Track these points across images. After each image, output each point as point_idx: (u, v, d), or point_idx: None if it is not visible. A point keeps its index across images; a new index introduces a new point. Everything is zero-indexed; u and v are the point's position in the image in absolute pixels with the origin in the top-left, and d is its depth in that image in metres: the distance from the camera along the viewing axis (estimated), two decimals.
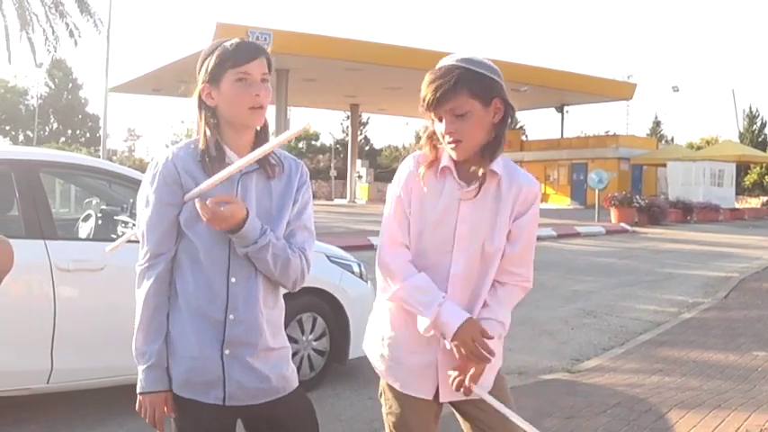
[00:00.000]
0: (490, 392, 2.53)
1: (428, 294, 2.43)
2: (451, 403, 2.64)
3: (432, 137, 2.50)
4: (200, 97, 2.39)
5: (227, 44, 2.36)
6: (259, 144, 2.39)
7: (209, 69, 2.35)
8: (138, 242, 2.43)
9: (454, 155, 2.44)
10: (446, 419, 2.77)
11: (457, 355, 2.43)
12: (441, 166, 2.47)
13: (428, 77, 2.41)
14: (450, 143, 2.41)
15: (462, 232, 2.47)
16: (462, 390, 2.45)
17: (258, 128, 2.43)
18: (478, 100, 2.38)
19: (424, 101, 2.41)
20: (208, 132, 2.37)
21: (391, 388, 2.65)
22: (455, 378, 2.46)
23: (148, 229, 2.38)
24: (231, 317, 2.35)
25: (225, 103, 2.35)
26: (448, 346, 2.44)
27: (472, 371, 2.43)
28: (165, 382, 2.39)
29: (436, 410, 2.66)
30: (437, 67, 2.45)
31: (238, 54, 2.32)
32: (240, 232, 2.27)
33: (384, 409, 2.70)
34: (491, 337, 2.41)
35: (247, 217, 2.27)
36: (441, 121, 2.42)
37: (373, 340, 2.69)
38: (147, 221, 2.38)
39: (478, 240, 2.48)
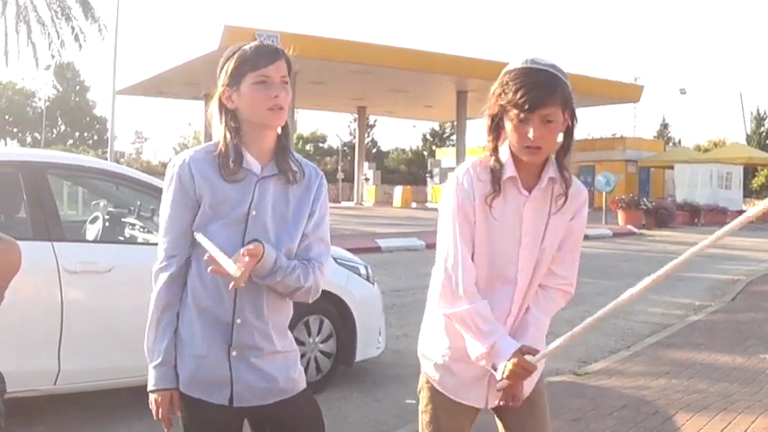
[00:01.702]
0: (530, 397, 2.59)
1: (488, 323, 2.43)
2: (493, 408, 2.67)
3: (494, 131, 2.44)
4: (220, 100, 2.41)
5: (247, 47, 2.37)
6: (281, 149, 2.43)
7: (228, 72, 2.36)
8: (149, 245, 2.45)
9: (531, 159, 2.40)
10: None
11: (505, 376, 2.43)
12: (506, 176, 2.43)
13: (524, 78, 2.32)
14: (530, 148, 2.35)
15: (527, 240, 2.47)
16: (512, 400, 2.50)
17: (279, 131, 2.45)
18: (562, 109, 2.36)
19: (520, 100, 2.30)
20: (228, 136, 2.38)
21: (432, 389, 2.65)
22: (505, 393, 2.49)
23: (165, 231, 2.41)
24: (238, 321, 2.38)
25: (245, 105, 2.36)
26: (498, 376, 2.43)
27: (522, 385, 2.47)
28: (172, 380, 2.41)
29: (473, 416, 2.67)
30: (526, 67, 2.36)
31: (257, 57, 2.34)
32: (257, 266, 2.29)
33: (420, 407, 2.71)
34: (536, 352, 2.41)
35: (262, 254, 2.27)
36: (521, 122, 2.34)
37: (428, 347, 2.68)
38: (164, 223, 2.42)
39: (538, 244, 2.49)
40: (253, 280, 2.31)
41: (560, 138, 2.44)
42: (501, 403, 2.53)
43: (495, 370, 2.42)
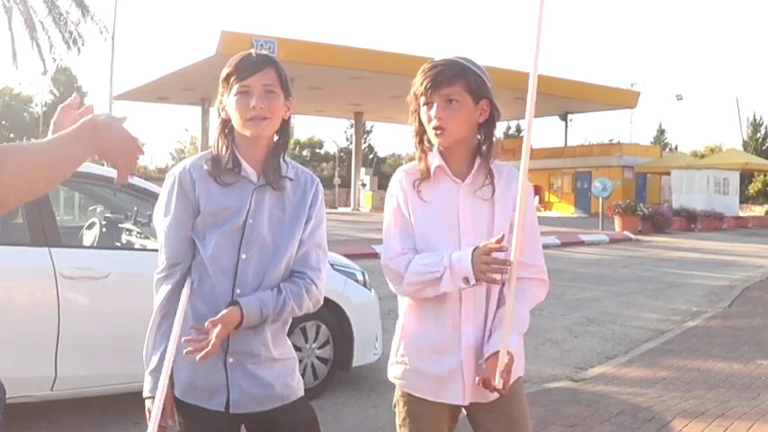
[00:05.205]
0: (505, 409, 2.58)
1: (433, 257, 2.44)
2: (468, 413, 2.63)
3: (422, 142, 2.56)
4: (218, 109, 2.44)
5: (238, 57, 2.39)
6: (273, 158, 2.44)
7: (221, 83, 2.40)
8: (145, 250, 2.45)
9: (437, 141, 2.49)
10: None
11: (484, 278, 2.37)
12: (435, 166, 2.51)
13: (427, 66, 2.50)
14: (436, 128, 2.47)
15: (466, 226, 2.49)
16: (492, 386, 2.40)
17: (276, 140, 2.46)
18: (471, 95, 2.46)
19: (420, 85, 2.48)
20: (222, 144, 2.42)
21: (408, 400, 2.61)
22: (481, 378, 2.42)
23: (166, 239, 2.41)
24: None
25: (231, 116, 2.38)
26: (470, 284, 2.38)
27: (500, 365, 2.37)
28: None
29: (450, 424, 2.65)
30: (436, 59, 2.51)
31: (241, 68, 2.36)
32: (240, 328, 2.32)
33: (397, 420, 2.66)
34: (502, 248, 2.34)
35: (242, 319, 2.30)
36: (430, 107, 2.47)
37: (393, 354, 2.66)
38: (165, 231, 2.41)
39: (482, 233, 2.48)
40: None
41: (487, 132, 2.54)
42: (492, 384, 2.40)
43: (469, 282, 2.38)
